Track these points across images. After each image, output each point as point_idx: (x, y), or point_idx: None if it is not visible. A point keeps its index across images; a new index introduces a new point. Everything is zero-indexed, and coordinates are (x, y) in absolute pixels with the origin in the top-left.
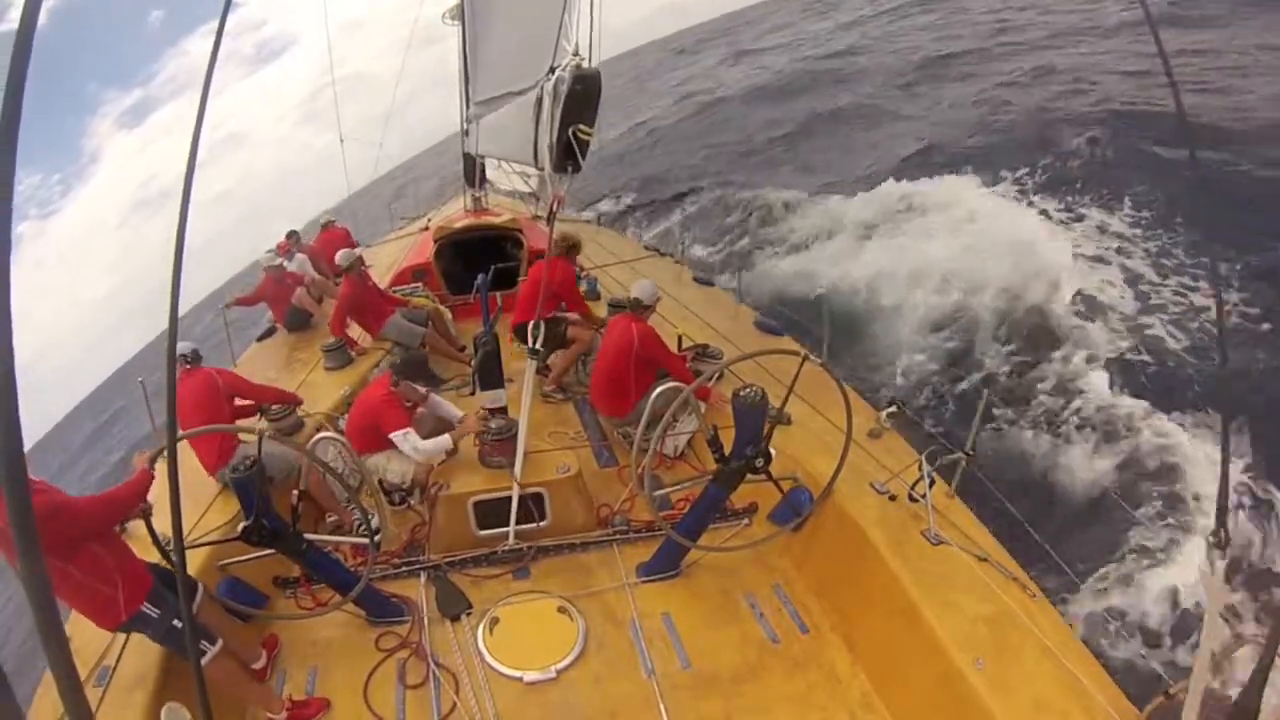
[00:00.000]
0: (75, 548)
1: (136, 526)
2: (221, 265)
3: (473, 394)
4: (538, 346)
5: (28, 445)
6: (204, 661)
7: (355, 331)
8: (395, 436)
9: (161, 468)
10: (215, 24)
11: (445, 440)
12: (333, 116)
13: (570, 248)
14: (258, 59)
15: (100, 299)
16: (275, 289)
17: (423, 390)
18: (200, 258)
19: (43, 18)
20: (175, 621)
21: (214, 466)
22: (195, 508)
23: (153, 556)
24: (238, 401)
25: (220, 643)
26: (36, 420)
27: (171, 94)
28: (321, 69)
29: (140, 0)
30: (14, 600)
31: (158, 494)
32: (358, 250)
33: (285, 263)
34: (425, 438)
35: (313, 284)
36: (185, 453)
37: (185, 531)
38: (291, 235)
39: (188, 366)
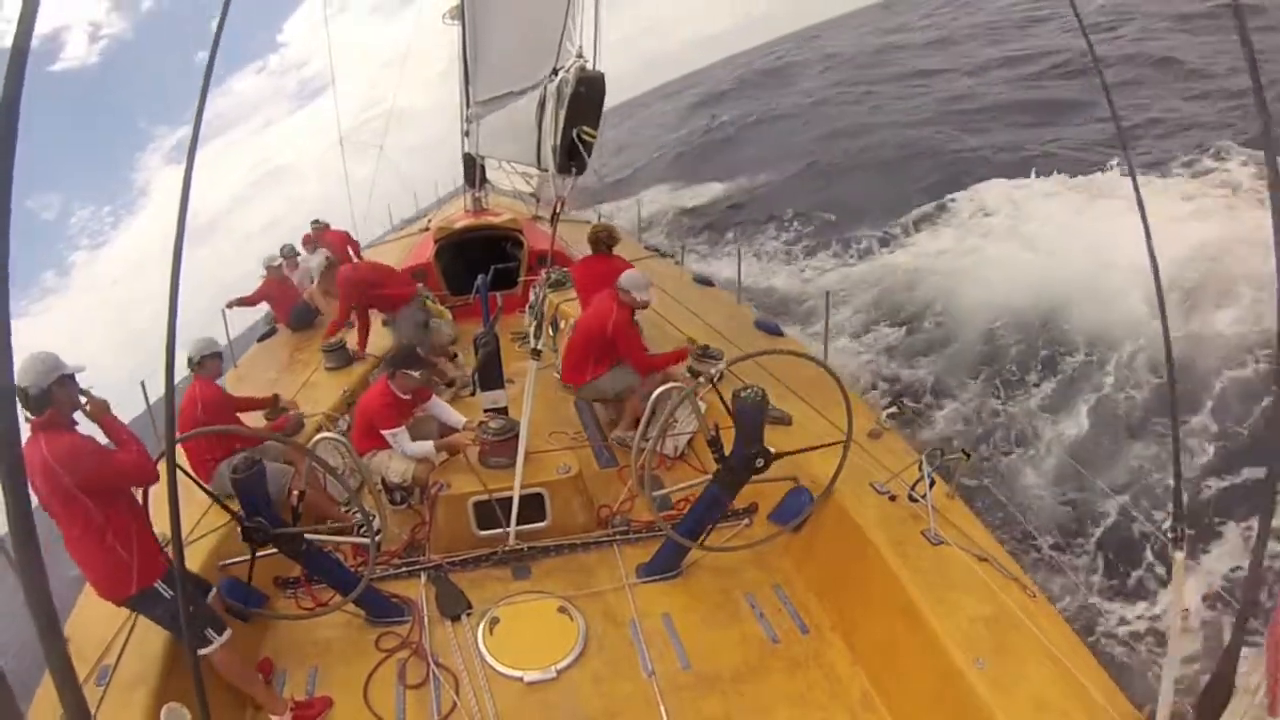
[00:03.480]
0: (113, 502)
1: None
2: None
3: (473, 394)
4: (538, 347)
5: None
6: (212, 649)
7: (353, 339)
8: (387, 434)
9: (161, 467)
10: (261, 63)
11: (429, 447)
12: (372, 149)
13: (603, 242)
14: (301, 95)
15: (145, 327)
16: (278, 288)
17: (417, 375)
18: (245, 284)
19: (94, 56)
20: (190, 605)
21: (207, 476)
22: (196, 508)
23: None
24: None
25: (229, 632)
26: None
27: (218, 131)
28: (362, 104)
29: (190, 41)
30: (13, 600)
31: (158, 494)
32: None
33: (305, 255)
34: (423, 436)
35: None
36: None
37: (185, 532)
38: (317, 225)
39: (197, 369)
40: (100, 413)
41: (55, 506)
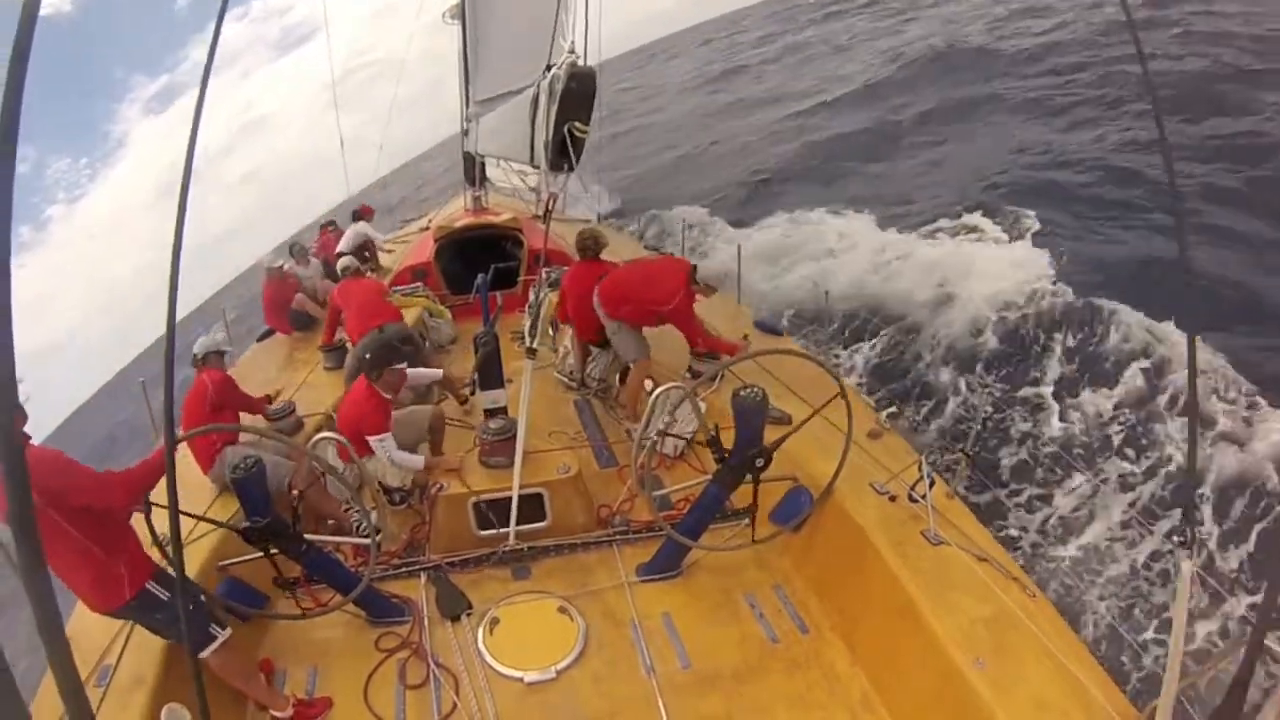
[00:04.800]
0: (96, 519)
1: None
2: (245, 251)
3: (473, 394)
4: (534, 346)
5: (62, 417)
6: (213, 648)
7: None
8: (373, 442)
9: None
10: (243, 10)
11: (418, 461)
12: (358, 100)
13: (589, 248)
14: (284, 44)
15: (128, 278)
16: (277, 291)
17: (400, 367)
18: (225, 242)
19: (68, 4)
20: (189, 605)
21: (207, 467)
22: (195, 508)
23: (153, 555)
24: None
25: (229, 630)
26: (70, 394)
27: (198, 80)
28: (349, 54)
29: None
30: (14, 601)
31: (156, 495)
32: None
33: (290, 264)
34: (412, 439)
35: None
36: (185, 452)
37: (185, 533)
38: (330, 226)
39: (201, 365)
40: None
41: None
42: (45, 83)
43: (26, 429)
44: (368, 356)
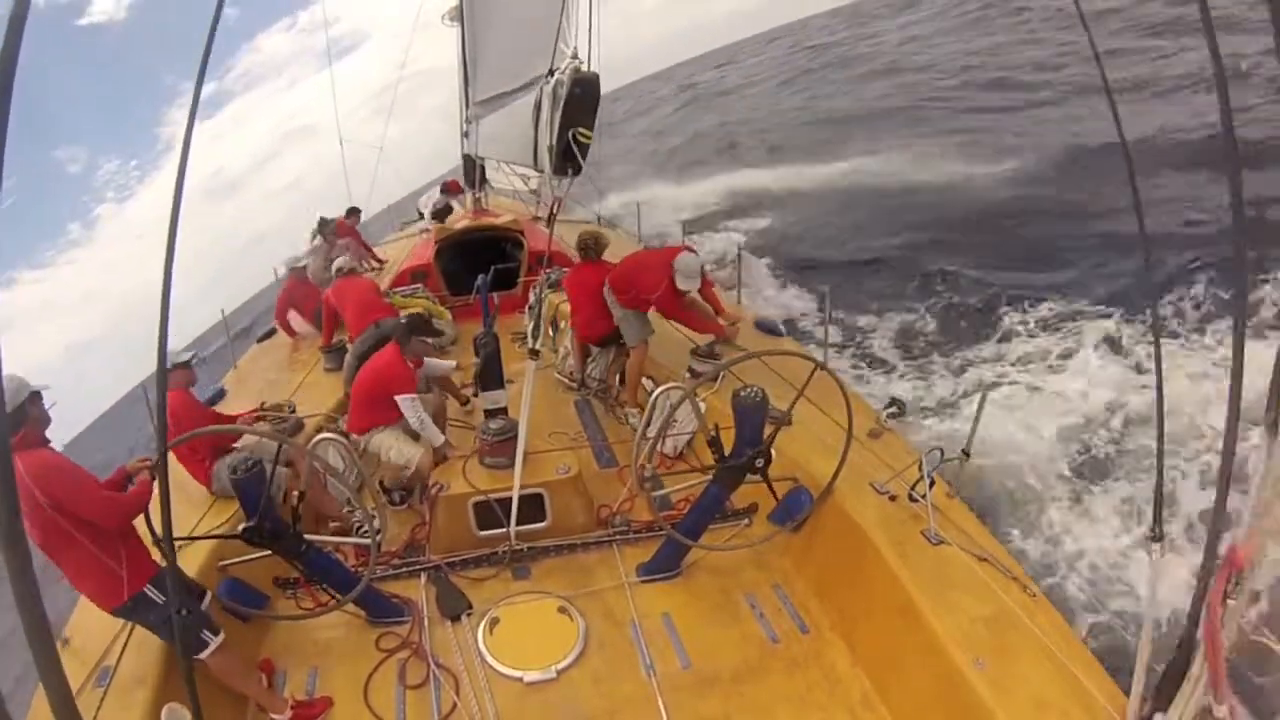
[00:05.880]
0: (91, 525)
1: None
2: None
3: (476, 397)
4: (535, 347)
5: (108, 404)
6: (208, 652)
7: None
8: (403, 401)
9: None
10: (290, 21)
11: (439, 435)
12: (402, 109)
13: (590, 249)
14: (330, 54)
15: (177, 273)
16: (294, 289)
17: (430, 342)
18: (268, 239)
19: (122, 11)
20: (182, 610)
21: (204, 479)
22: (194, 510)
23: (155, 556)
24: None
25: (222, 635)
26: (113, 383)
27: (245, 87)
28: (394, 64)
29: None
30: (8, 605)
31: (155, 496)
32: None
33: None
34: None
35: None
36: (179, 469)
37: (185, 535)
38: (353, 213)
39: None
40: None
41: (34, 525)
42: (98, 84)
43: (48, 432)
44: (404, 322)
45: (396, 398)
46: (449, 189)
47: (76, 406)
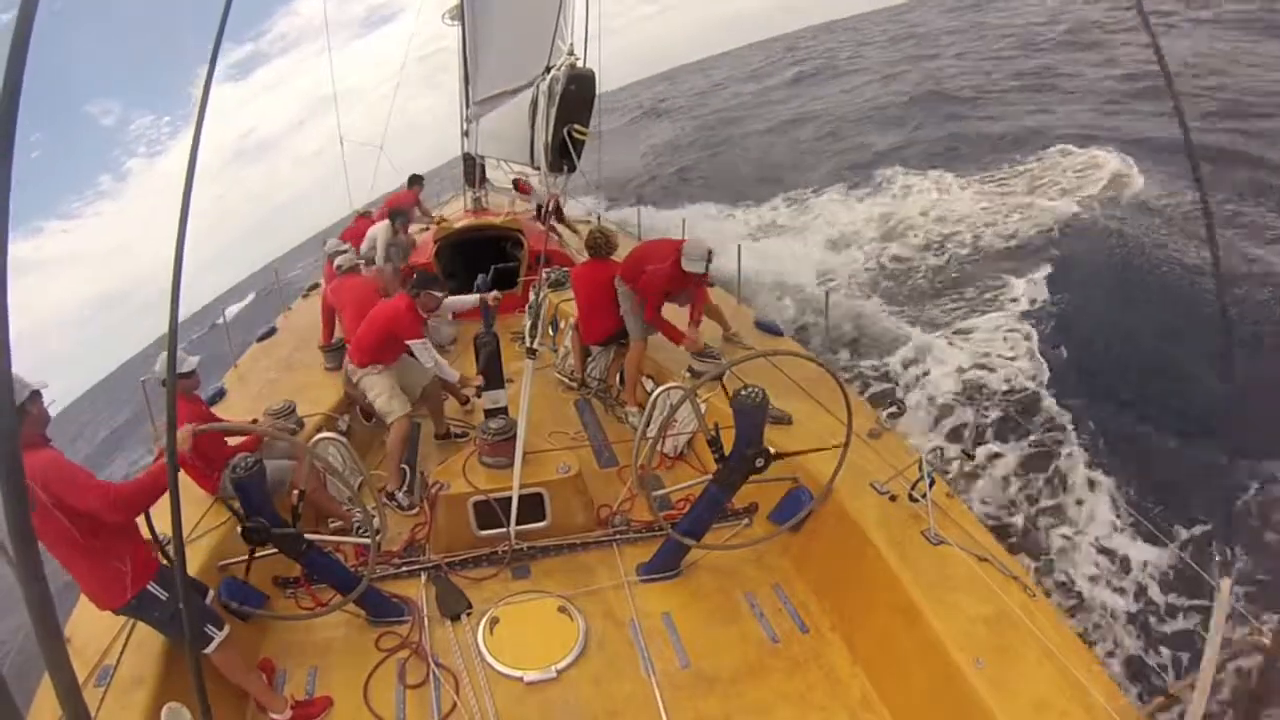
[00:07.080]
0: (98, 521)
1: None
2: (302, 225)
3: (479, 396)
4: (534, 346)
5: (130, 355)
6: (212, 646)
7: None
8: (415, 345)
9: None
10: None
11: (452, 372)
12: (434, 81)
13: (600, 247)
14: (368, 21)
15: (193, 237)
16: (357, 289)
17: (439, 295)
18: (296, 203)
19: None
20: (181, 606)
21: (204, 485)
22: (195, 509)
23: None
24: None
25: (228, 629)
26: (134, 339)
27: (281, 50)
28: (429, 36)
29: None
30: (12, 602)
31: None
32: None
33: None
34: (411, 381)
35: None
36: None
37: (185, 534)
38: (415, 181)
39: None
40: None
41: (38, 524)
42: (133, 41)
43: (47, 431)
44: (419, 278)
45: (409, 342)
46: (520, 189)
47: (109, 352)
